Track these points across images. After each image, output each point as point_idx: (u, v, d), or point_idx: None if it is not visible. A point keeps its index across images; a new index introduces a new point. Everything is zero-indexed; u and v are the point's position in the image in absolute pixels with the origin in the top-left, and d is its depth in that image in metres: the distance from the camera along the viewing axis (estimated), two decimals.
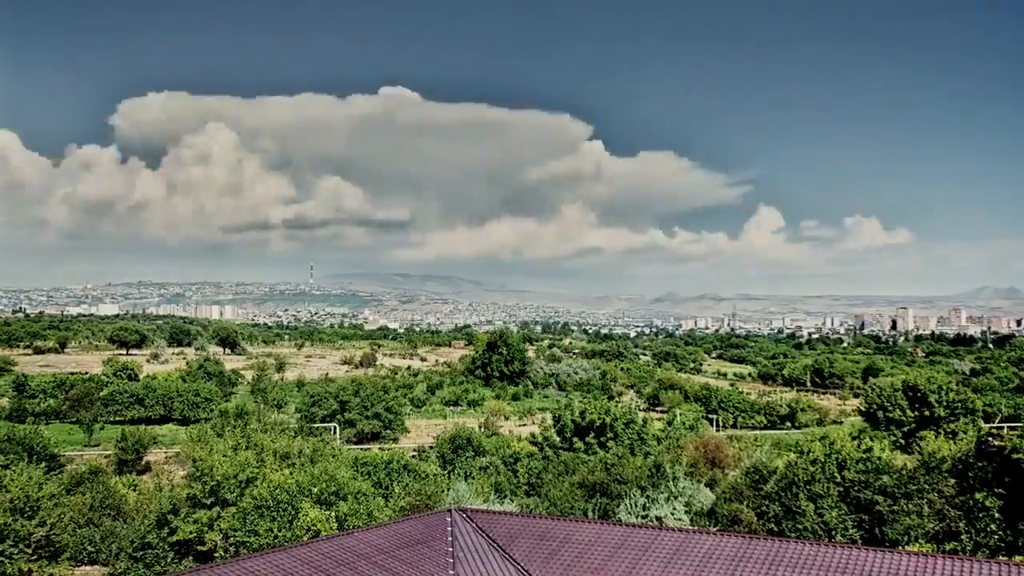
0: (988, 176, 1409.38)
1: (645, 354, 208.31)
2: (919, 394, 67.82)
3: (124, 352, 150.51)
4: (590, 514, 30.86)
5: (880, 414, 69.22)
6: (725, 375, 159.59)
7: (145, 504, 33.02)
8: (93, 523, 31.40)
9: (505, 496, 35.89)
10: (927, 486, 28.50)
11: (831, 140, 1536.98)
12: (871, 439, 37.13)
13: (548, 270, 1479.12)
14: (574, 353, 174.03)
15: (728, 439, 54.40)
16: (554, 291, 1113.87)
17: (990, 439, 31.77)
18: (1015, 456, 28.06)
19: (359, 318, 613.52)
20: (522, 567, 17.26)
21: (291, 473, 29.31)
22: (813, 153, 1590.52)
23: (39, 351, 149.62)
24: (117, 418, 74.75)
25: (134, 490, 39.91)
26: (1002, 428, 71.48)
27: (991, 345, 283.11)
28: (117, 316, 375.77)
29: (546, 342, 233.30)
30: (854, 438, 34.72)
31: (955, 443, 34.22)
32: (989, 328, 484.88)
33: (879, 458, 30.37)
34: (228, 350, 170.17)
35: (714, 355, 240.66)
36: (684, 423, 68.65)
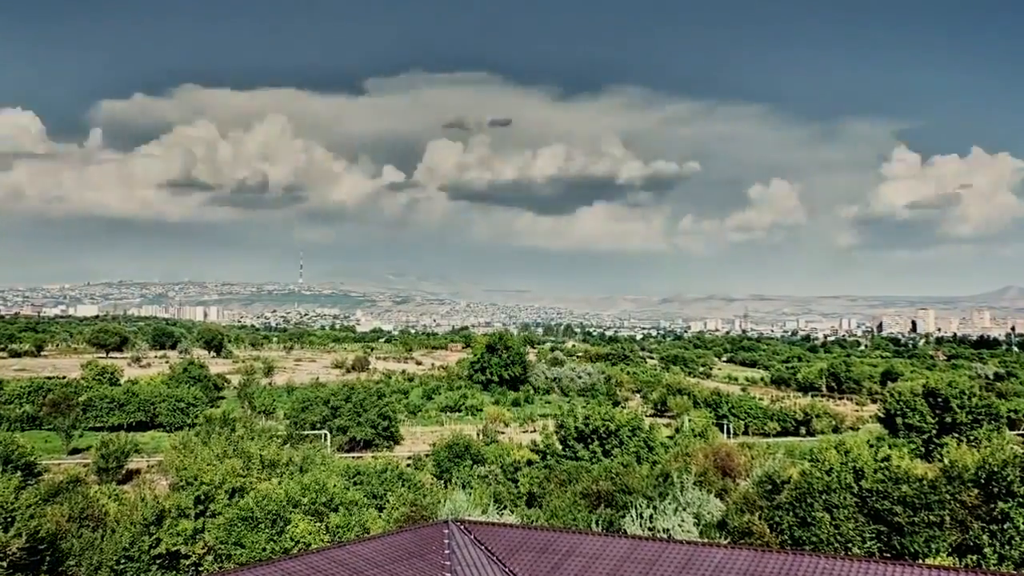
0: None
1: (652, 357, 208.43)
2: (940, 399, 67.92)
3: (104, 355, 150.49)
4: (594, 526, 30.88)
5: (899, 420, 69.36)
6: (736, 379, 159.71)
7: (127, 515, 33.01)
8: (72, 534, 31.41)
9: (505, 507, 35.88)
10: (949, 496, 28.51)
11: None
12: (890, 447, 37.17)
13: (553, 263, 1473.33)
14: (577, 356, 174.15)
15: (739, 447, 54.41)
16: (556, 291, 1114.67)
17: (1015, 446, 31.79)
18: None
19: (351, 320, 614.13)
20: None
21: (280, 482, 29.34)
22: None
23: (15, 354, 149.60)
24: (97, 425, 74.78)
25: (115, 500, 39.91)
26: None
27: (1016, 348, 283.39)
28: (96, 317, 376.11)
29: (548, 345, 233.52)
30: (872, 446, 34.77)
31: (978, 450, 34.21)
32: (1014, 330, 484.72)
33: (898, 466, 30.39)
34: (213, 353, 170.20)
35: (724, 358, 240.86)
36: (693, 430, 68.68)
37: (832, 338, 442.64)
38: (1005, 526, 26.86)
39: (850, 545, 27.73)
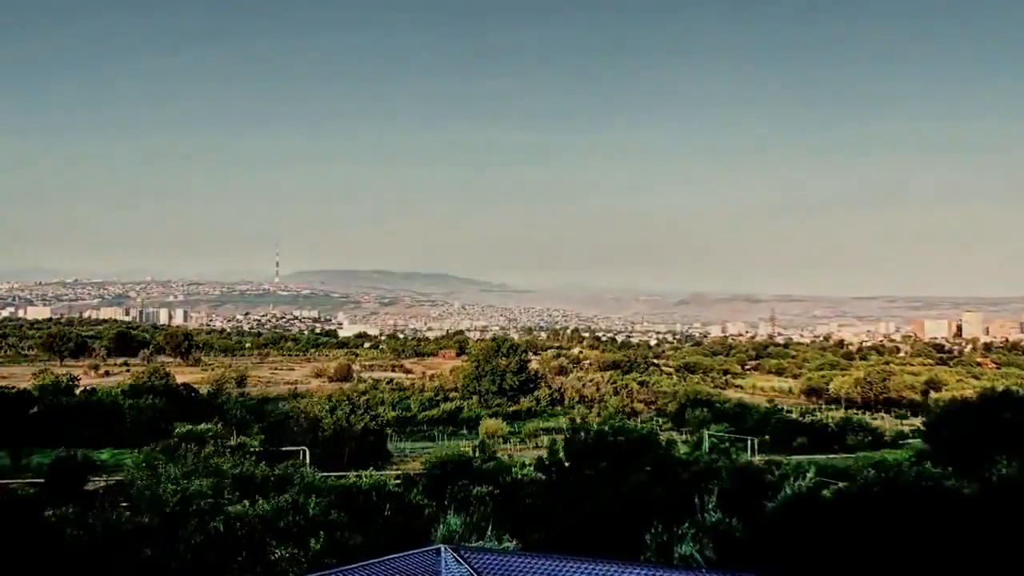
0: None
1: (668, 365, 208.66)
2: (990, 411, 68.02)
3: (58, 362, 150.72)
4: (603, 552, 30.96)
5: (944, 435, 69.43)
6: (762, 390, 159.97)
7: (84, 540, 33.14)
8: (23, 562, 31.50)
9: (505, 531, 35.97)
10: (998, 516, 28.59)
11: None
12: (933, 464, 37.20)
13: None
14: (585, 364, 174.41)
15: (765, 464, 54.50)
16: (561, 291, 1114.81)
17: None
18: None
19: (332, 323, 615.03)
20: None
21: (254, 504, 29.38)
22: None
23: None
24: (50, 440, 74.80)
25: (71, 524, 40.02)
26: None
27: None
28: (49, 320, 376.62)
29: (552, 351, 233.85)
30: (913, 463, 34.81)
31: None
32: None
33: (942, 485, 30.46)
34: (180, 360, 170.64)
35: (749, 366, 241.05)
36: (714, 445, 68.76)
37: (869, 343, 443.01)
38: None
39: (888, 571, 27.78)
